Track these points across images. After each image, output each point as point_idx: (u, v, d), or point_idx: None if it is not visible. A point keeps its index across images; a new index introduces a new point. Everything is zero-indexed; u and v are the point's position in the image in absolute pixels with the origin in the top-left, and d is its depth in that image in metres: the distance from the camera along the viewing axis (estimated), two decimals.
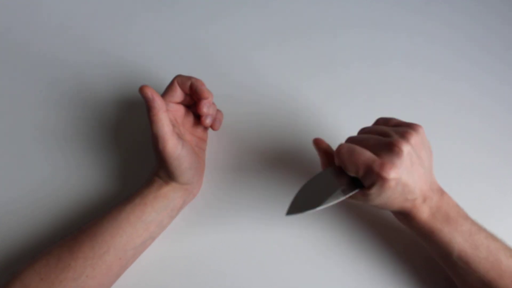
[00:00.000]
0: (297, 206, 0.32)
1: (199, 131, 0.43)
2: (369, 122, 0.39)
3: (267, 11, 0.56)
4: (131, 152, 0.46)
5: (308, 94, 0.50)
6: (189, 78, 0.38)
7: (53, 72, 0.50)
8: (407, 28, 0.55)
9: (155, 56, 0.51)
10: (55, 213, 0.42)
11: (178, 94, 0.39)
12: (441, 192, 0.35)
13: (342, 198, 0.32)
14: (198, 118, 0.43)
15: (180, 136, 0.37)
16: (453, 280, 0.37)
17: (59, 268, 0.33)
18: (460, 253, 0.34)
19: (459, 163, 0.47)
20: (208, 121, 0.40)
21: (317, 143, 0.37)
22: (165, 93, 0.39)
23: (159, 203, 0.37)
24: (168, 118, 0.35)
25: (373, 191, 0.31)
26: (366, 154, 0.31)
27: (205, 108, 0.39)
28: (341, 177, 0.33)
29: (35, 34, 0.52)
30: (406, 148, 0.31)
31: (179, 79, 0.39)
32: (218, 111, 0.42)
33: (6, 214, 0.42)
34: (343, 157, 0.32)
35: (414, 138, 0.32)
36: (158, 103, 0.34)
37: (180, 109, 0.41)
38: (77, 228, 0.37)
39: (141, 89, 0.34)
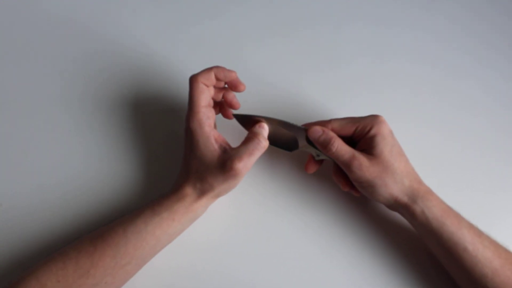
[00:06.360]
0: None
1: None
2: None
3: (272, 5, 0.54)
4: (159, 154, 0.45)
5: (311, 89, 0.50)
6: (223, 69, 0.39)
7: (64, 69, 0.48)
8: (411, 24, 0.55)
9: (160, 51, 0.50)
10: (73, 212, 0.42)
11: (211, 77, 0.38)
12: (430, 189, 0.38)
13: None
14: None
15: None
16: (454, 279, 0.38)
17: (77, 273, 0.33)
18: (469, 243, 0.35)
19: (462, 160, 0.47)
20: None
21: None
22: (201, 73, 0.39)
23: (187, 217, 0.37)
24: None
25: (373, 131, 0.38)
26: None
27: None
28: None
29: (37, 28, 0.50)
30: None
31: (215, 68, 0.39)
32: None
33: (22, 209, 0.42)
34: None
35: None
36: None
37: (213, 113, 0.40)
38: (95, 230, 0.36)
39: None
